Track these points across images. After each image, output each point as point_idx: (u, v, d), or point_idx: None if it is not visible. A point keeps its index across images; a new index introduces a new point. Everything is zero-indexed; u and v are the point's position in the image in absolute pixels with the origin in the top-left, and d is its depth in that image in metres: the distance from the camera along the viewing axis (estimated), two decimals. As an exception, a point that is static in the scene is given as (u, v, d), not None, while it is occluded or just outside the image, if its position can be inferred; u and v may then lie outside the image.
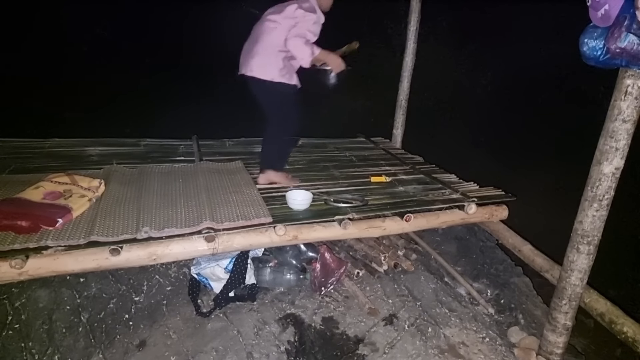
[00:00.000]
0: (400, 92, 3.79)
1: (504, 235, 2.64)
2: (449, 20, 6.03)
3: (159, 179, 2.34)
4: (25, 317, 1.85)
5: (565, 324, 1.93)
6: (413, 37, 3.52)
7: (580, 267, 1.83)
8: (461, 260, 2.83)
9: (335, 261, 2.38)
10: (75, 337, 1.90)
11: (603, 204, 1.71)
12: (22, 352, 1.77)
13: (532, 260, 2.38)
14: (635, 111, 1.56)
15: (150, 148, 3.01)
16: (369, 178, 2.70)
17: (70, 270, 1.67)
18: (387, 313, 2.24)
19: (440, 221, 2.38)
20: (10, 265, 1.54)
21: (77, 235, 1.68)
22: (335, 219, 2.10)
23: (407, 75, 3.70)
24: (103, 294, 2.09)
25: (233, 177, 2.44)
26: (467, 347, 2.11)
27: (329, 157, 3.17)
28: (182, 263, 2.39)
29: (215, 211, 1.95)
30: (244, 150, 3.14)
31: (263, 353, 1.92)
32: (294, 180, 2.52)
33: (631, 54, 1.44)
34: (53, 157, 2.65)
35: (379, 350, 2.01)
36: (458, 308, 2.39)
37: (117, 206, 1.96)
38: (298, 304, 2.25)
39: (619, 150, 1.62)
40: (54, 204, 1.84)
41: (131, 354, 1.89)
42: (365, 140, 3.77)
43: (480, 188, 2.74)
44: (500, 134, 5.33)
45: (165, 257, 1.80)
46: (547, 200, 4.28)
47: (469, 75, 6.07)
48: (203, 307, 2.17)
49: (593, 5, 1.51)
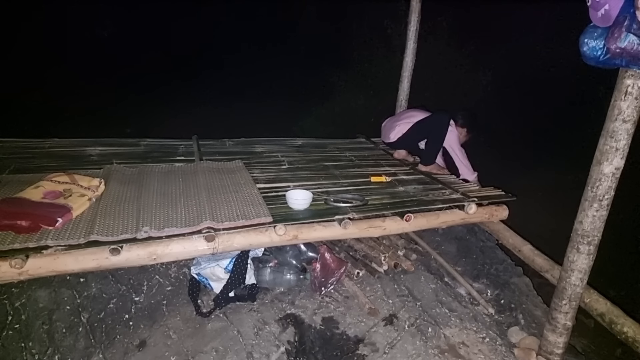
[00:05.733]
0: (400, 92, 3.80)
1: (504, 235, 2.64)
2: (449, 20, 6.03)
3: (159, 179, 2.33)
4: (25, 317, 1.85)
5: (565, 324, 1.93)
6: (413, 37, 3.52)
7: (580, 267, 1.83)
8: (461, 260, 2.83)
9: (335, 261, 2.38)
10: (75, 337, 1.90)
11: (603, 204, 1.71)
12: (22, 352, 1.77)
13: (532, 260, 2.38)
14: (635, 111, 1.56)
15: (150, 148, 3.01)
16: (369, 178, 2.70)
17: (70, 270, 1.67)
18: (387, 313, 2.24)
19: (440, 221, 2.38)
20: (10, 265, 1.53)
21: (77, 235, 1.68)
22: (335, 219, 2.10)
23: (407, 75, 3.71)
24: (103, 294, 2.09)
25: (233, 176, 2.44)
26: (467, 347, 2.11)
27: (329, 157, 3.17)
28: (182, 263, 2.39)
29: (215, 211, 1.95)
30: (244, 150, 3.14)
31: (263, 353, 1.92)
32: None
33: (631, 54, 1.44)
34: (53, 157, 2.65)
35: (379, 350, 2.01)
36: (458, 308, 2.39)
37: (117, 206, 1.96)
38: (298, 304, 2.25)
39: (619, 150, 1.62)
40: (54, 203, 1.84)
41: (131, 354, 1.89)
42: (365, 140, 3.77)
43: (480, 188, 2.74)
44: (500, 134, 5.33)
45: (165, 256, 1.80)
46: (547, 200, 4.28)
47: (469, 75, 6.07)
48: (203, 307, 2.17)
49: (593, 5, 1.51)
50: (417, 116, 3.08)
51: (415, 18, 3.46)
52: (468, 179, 2.94)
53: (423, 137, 3.09)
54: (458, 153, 2.98)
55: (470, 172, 2.97)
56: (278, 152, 3.16)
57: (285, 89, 6.21)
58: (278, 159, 3.00)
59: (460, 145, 3.00)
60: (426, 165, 3.00)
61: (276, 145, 3.37)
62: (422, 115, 3.07)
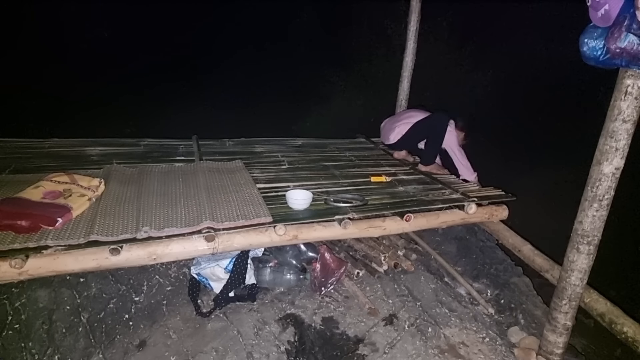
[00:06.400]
0: (400, 92, 3.80)
1: (504, 235, 2.64)
2: (449, 20, 6.02)
3: (159, 179, 2.33)
4: (25, 317, 1.85)
5: (565, 324, 1.93)
6: (413, 37, 3.53)
7: (580, 267, 1.83)
8: (461, 260, 2.83)
9: (335, 261, 2.38)
10: (75, 337, 1.90)
11: (603, 204, 1.71)
12: (22, 352, 1.77)
13: (532, 260, 2.39)
14: (635, 111, 1.56)
15: (150, 148, 3.01)
16: (369, 178, 2.70)
17: (70, 270, 1.67)
18: (387, 313, 2.24)
19: (440, 221, 2.38)
20: (10, 265, 1.54)
21: (77, 235, 1.68)
22: (335, 219, 2.10)
23: (407, 75, 3.71)
24: (103, 294, 2.09)
25: (233, 176, 2.44)
26: (467, 347, 2.11)
27: (329, 157, 3.17)
28: (182, 263, 2.39)
29: (215, 211, 1.95)
30: (244, 150, 3.14)
31: (263, 353, 1.92)
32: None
33: (631, 54, 1.44)
34: (53, 157, 2.65)
35: (379, 350, 2.01)
36: (458, 308, 2.39)
37: (117, 206, 1.96)
38: (298, 304, 2.25)
39: (619, 150, 1.62)
40: (54, 203, 1.84)
41: (131, 354, 1.89)
42: (365, 140, 3.77)
43: (480, 188, 2.74)
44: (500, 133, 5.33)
45: (165, 256, 1.80)
46: (547, 200, 4.27)
47: (469, 75, 6.07)
48: (203, 307, 2.17)
49: (593, 5, 1.51)
50: (416, 117, 3.08)
51: (415, 18, 3.46)
52: (468, 179, 2.94)
53: (423, 138, 3.08)
54: (457, 153, 2.98)
55: (470, 172, 2.96)
56: (278, 152, 3.16)
57: (285, 89, 6.21)
58: (278, 159, 3.00)
59: (459, 146, 3.00)
60: (426, 165, 3.00)
61: (276, 145, 3.37)
62: (421, 116, 3.07)
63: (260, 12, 6.45)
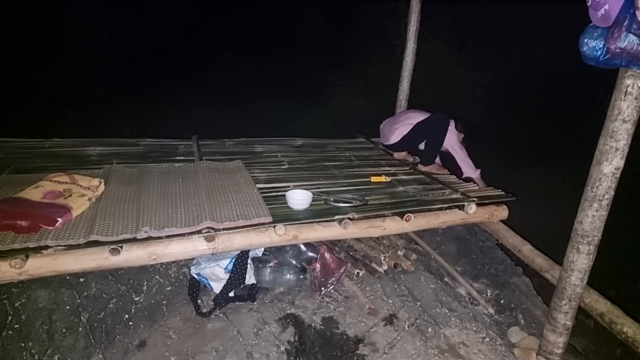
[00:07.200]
0: (400, 92, 3.80)
1: (504, 235, 2.64)
2: (449, 20, 6.02)
3: (158, 179, 2.33)
4: (25, 317, 1.85)
5: (565, 324, 1.93)
6: (413, 37, 3.52)
7: (580, 267, 1.83)
8: (461, 260, 2.83)
9: (335, 261, 2.38)
10: (75, 337, 1.90)
11: (603, 204, 1.71)
12: (22, 352, 1.77)
13: (532, 260, 2.38)
14: (635, 111, 1.56)
15: (150, 148, 3.01)
16: (369, 178, 2.70)
17: (70, 270, 1.67)
18: (387, 313, 2.24)
19: (440, 221, 2.38)
20: (10, 265, 1.53)
21: (77, 235, 1.68)
22: (335, 219, 2.10)
23: (407, 75, 3.71)
24: (103, 294, 2.09)
25: (233, 176, 2.44)
26: (467, 347, 2.11)
27: (329, 157, 3.17)
28: (182, 263, 2.39)
29: (215, 211, 1.95)
30: (244, 150, 3.14)
31: (263, 353, 1.92)
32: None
33: (631, 54, 1.44)
34: (53, 157, 2.65)
35: (379, 350, 2.01)
36: (458, 308, 2.39)
37: (117, 206, 1.96)
38: (298, 304, 2.25)
39: (619, 150, 1.62)
40: (54, 203, 1.84)
41: (131, 354, 1.89)
42: (365, 140, 3.77)
43: (482, 187, 2.74)
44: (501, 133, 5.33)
45: (165, 256, 1.80)
46: (547, 200, 4.27)
47: (469, 75, 6.07)
48: (203, 307, 2.17)
49: (593, 5, 1.51)
50: (416, 117, 3.07)
51: (415, 18, 3.46)
52: (471, 176, 2.93)
53: (423, 139, 3.08)
54: (459, 151, 2.97)
55: (473, 169, 2.96)
56: (278, 152, 3.16)
57: (285, 89, 6.21)
58: (278, 159, 3.00)
59: (460, 144, 3.00)
60: (426, 165, 3.00)
61: (276, 145, 3.37)
62: (421, 116, 3.06)
63: (261, 12, 6.45)
